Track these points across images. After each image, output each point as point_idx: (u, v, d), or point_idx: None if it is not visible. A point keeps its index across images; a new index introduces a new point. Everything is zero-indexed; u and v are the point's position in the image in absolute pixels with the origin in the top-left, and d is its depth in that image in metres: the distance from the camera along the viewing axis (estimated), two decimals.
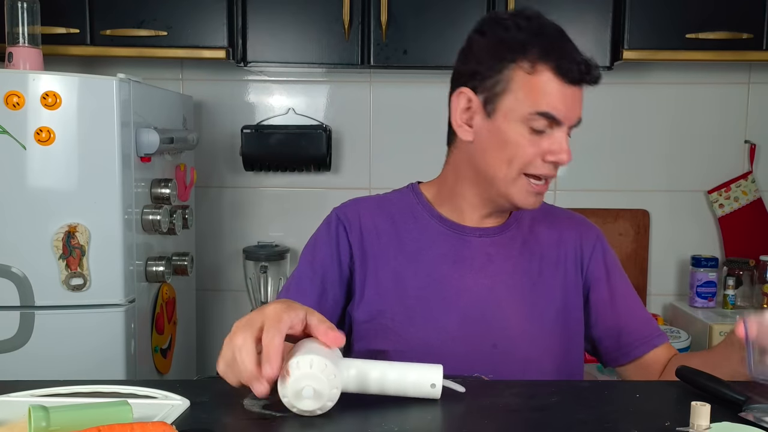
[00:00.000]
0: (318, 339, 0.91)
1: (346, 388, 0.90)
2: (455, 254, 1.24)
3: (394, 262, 1.24)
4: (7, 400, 0.91)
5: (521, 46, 1.14)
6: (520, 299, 1.23)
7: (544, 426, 0.88)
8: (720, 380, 0.97)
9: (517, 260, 1.26)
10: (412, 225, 1.27)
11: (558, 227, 1.31)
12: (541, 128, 1.15)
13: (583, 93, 1.20)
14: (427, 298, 1.22)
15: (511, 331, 1.21)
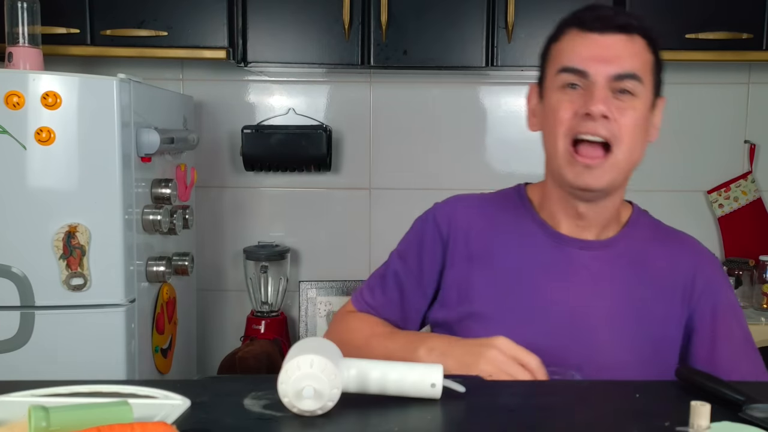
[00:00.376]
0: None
1: (346, 388, 0.90)
2: (554, 265, 1.18)
3: (488, 267, 1.20)
4: (7, 400, 0.91)
5: (555, 29, 1.17)
6: (616, 323, 1.15)
7: (544, 426, 0.88)
8: (720, 380, 0.96)
9: (618, 279, 1.18)
10: (513, 229, 1.22)
11: (670, 250, 1.21)
12: (571, 84, 1.11)
13: (636, 45, 1.12)
14: (516, 307, 1.16)
15: (600, 356, 1.13)
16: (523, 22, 2.21)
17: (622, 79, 1.10)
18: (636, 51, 1.11)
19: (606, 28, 1.10)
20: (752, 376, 1.16)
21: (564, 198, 1.18)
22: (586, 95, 1.09)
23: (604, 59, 1.09)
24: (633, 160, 1.15)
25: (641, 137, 1.14)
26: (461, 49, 2.23)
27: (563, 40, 1.14)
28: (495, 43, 2.23)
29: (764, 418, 0.87)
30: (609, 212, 1.20)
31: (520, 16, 2.21)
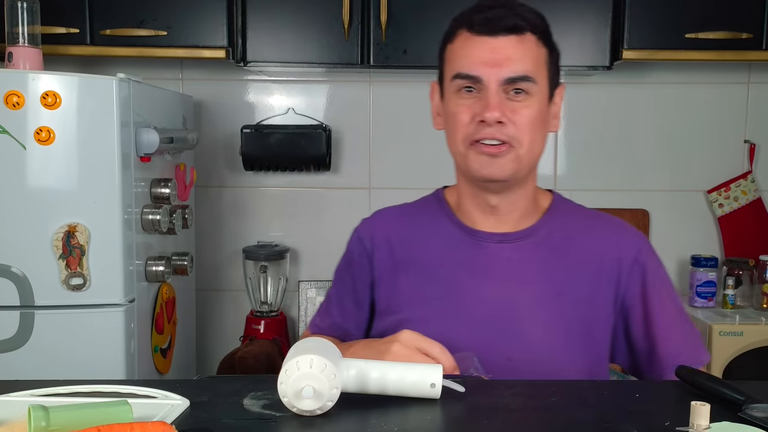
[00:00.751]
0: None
1: (345, 388, 0.90)
2: (474, 261, 1.20)
3: (412, 272, 1.22)
4: (7, 400, 0.91)
5: (450, 27, 1.18)
6: (542, 311, 1.17)
7: (544, 426, 0.88)
8: (720, 380, 0.97)
9: (540, 267, 1.20)
10: (432, 233, 1.25)
11: (594, 234, 1.23)
12: (468, 92, 1.13)
13: (531, 46, 1.14)
14: (441, 308, 1.19)
15: (530, 345, 1.15)
16: None
17: (515, 81, 1.12)
18: (527, 50, 1.13)
19: (495, 31, 1.11)
20: (685, 346, 1.21)
21: (476, 194, 1.21)
22: (481, 100, 1.12)
23: (495, 63, 1.11)
24: (534, 154, 1.17)
25: (540, 132, 1.17)
26: None
27: (456, 42, 1.16)
28: None
29: (764, 418, 0.87)
30: (522, 203, 1.22)
31: None
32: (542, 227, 1.23)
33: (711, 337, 2.23)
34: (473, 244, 1.21)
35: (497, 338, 1.15)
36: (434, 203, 1.29)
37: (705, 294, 2.45)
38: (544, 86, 1.17)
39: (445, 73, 1.18)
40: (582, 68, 2.30)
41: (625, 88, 2.58)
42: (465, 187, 1.22)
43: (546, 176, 2.62)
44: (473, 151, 1.14)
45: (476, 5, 1.16)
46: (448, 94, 1.17)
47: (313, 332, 1.34)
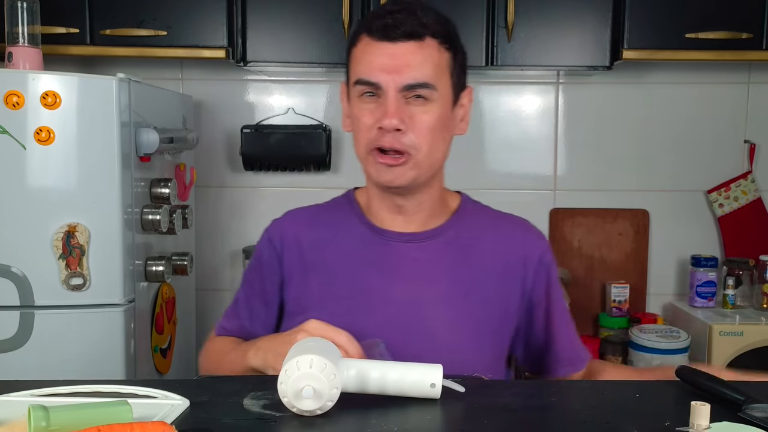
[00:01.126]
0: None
1: (345, 388, 0.90)
2: (381, 261, 1.22)
3: (321, 273, 1.23)
4: (7, 400, 0.91)
5: (355, 30, 1.20)
6: (448, 309, 1.19)
7: (544, 426, 0.88)
8: (720, 380, 0.97)
9: (447, 267, 1.22)
10: (342, 233, 1.26)
11: (500, 234, 1.26)
12: (369, 97, 1.14)
13: (433, 52, 1.14)
14: (350, 308, 1.19)
15: (436, 343, 1.17)
16: (523, 21, 2.21)
17: (413, 88, 1.12)
18: (427, 56, 1.12)
19: (394, 37, 1.11)
20: (576, 343, 1.29)
21: (382, 195, 1.22)
22: (382, 106, 1.12)
23: (393, 69, 1.11)
24: (435, 159, 1.18)
25: (441, 137, 1.17)
26: None
27: (358, 46, 1.16)
28: (495, 43, 2.23)
29: (764, 418, 0.87)
30: (429, 204, 1.24)
31: (520, 15, 2.21)
32: (450, 228, 1.25)
33: (711, 337, 2.23)
34: (382, 244, 1.23)
35: (405, 337, 1.15)
36: (345, 204, 1.30)
37: (705, 294, 2.45)
38: (446, 91, 1.16)
39: (349, 76, 1.20)
40: (582, 68, 2.30)
41: (625, 88, 2.58)
42: (372, 188, 1.24)
43: (546, 176, 2.62)
44: (372, 158, 1.16)
45: (379, 9, 1.17)
46: (352, 97, 1.18)
47: (219, 334, 1.35)
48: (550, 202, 2.63)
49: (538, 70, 2.40)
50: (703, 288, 2.45)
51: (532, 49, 2.24)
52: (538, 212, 2.61)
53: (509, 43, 2.22)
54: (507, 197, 2.58)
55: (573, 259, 2.61)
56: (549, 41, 2.24)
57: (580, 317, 2.58)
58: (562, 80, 2.59)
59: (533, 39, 2.23)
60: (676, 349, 2.26)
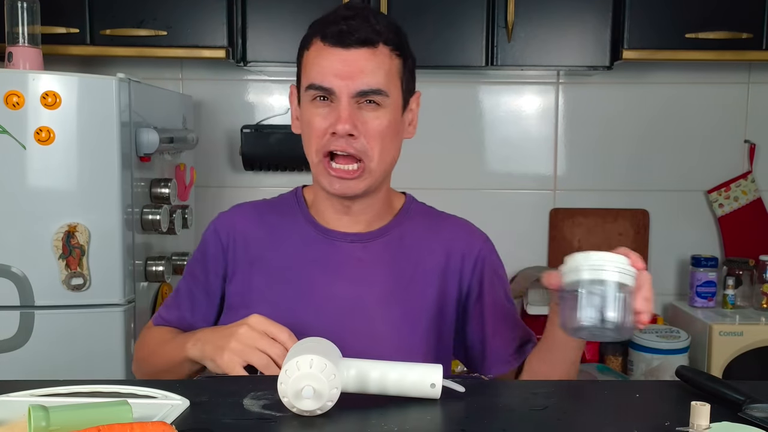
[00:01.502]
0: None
1: (345, 388, 0.90)
2: (326, 260, 1.23)
3: (266, 269, 1.23)
4: (7, 400, 0.91)
5: (307, 32, 1.21)
6: (389, 309, 1.21)
7: (544, 426, 0.88)
8: (720, 380, 0.97)
9: (391, 267, 1.23)
10: (288, 231, 1.26)
11: (442, 234, 1.27)
12: (320, 102, 1.14)
13: (384, 59, 1.15)
14: (293, 306, 1.20)
15: (378, 339, 1.18)
16: (523, 21, 2.21)
17: (366, 94, 1.14)
18: (379, 63, 1.14)
19: (348, 43, 1.13)
20: (510, 340, 1.25)
21: (329, 197, 1.22)
22: (334, 111, 1.14)
23: (347, 75, 1.12)
24: (387, 163, 1.20)
25: (392, 141, 1.19)
26: (461, 48, 2.23)
27: (311, 50, 1.17)
28: (495, 43, 2.23)
29: (764, 418, 0.87)
30: (376, 206, 1.25)
31: (520, 15, 2.21)
32: (394, 228, 1.26)
33: (711, 337, 2.23)
34: (326, 243, 1.24)
35: (349, 336, 1.14)
36: (292, 201, 1.30)
37: (705, 294, 2.45)
38: (397, 97, 1.19)
39: (301, 79, 1.20)
40: (582, 68, 2.30)
41: (625, 88, 2.58)
42: (320, 189, 1.24)
43: (546, 176, 2.62)
44: (323, 167, 1.16)
45: (332, 14, 1.18)
46: (303, 101, 1.19)
47: (157, 324, 1.32)
48: (550, 202, 2.62)
49: (538, 70, 2.40)
50: (703, 288, 2.45)
51: (532, 49, 2.24)
52: (538, 212, 2.61)
53: (509, 43, 2.22)
54: (507, 197, 2.59)
55: None
56: (549, 41, 2.24)
57: None
58: (562, 80, 2.59)
59: (533, 39, 2.23)
60: (676, 349, 2.26)
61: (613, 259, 0.91)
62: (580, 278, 0.90)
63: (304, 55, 1.19)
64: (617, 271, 0.90)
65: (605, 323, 0.89)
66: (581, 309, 0.89)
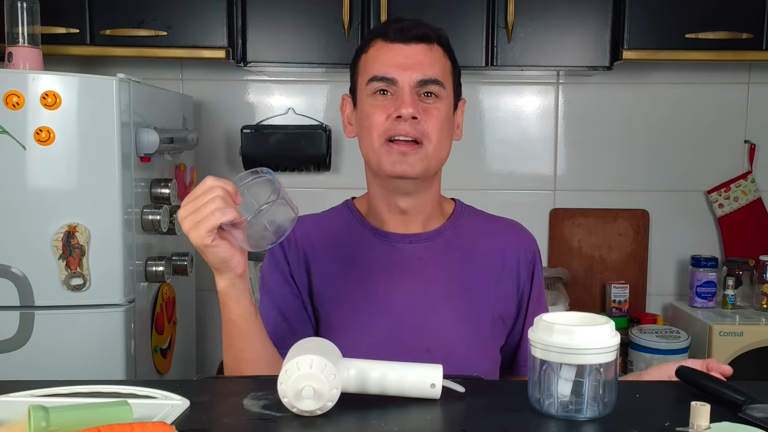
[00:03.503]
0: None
1: (345, 388, 0.90)
2: (387, 261, 1.26)
3: (329, 275, 1.25)
4: (7, 400, 0.91)
5: (363, 41, 1.28)
6: (454, 304, 1.24)
7: (544, 426, 0.88)
8: (720, 380, 0.97)
9: (450, 265, 1.27)
10: (347, 240, 1.29)
11: (498, 235, 1.32)
12: (382, 89, 1.20)
13: (437, 54, 1.23)
14: (359, 305, 1.23)
15: (446, 336, 1.22)
16: (523, 21, 2.21)
17: (426, 84, 1.21)
18: (436, 58, 1.23)
19: (408, 39, 1.22)
20: None
21: (386, 196, 1.27)
22: (396, 100, 1.20)
23: (409, 66, 1.20)
24: (441, 155, 1.25)
25: (447, 135, 1.25)
26: (461, 48, 2.21)
27: (370, 51, 1.25)
28: (495, 43, 2.23)
29: (764, 418, 0.87)
30: (429, 205, 1.29)
31: (520, 15, 2.21)
32: (449, 229, 1.31)
33: (711, 337, 2.23)
34: (386, 245, 1.27)
35: (416, 332, 1.21)
36: (344, 211, 1.34)
37: (705, 294, 2.45)
38: (450, 93, 1.25)
39: (359, 80, 1.26)
40: (582, 68, 2.30)
41: (625, 88, 2.58)
42: (377, 190, 1.28)
43: (546, 176, 2.62)
44: (386, 149, 1.20)
45: (387, 21, 1.29)
46: (362, 98, 1.24)
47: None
48: (550, 202, 2.63)
49: (538, 70, 2.39)
50: (703, 288, 2.45)
51: (532, 50, 2.24)
52: (538, 212, 2.61)
53: (509, 44, 2.22)
54: (507, 197, 2.59)
55: (573, 259, 2.61)
56: (549, 41, 2.24)
57: None
58: (562, 80, 2.59)
59: (533, 39, 2.23)
60: (676, 350, 2.26)
61: None
62: None
63: (362, 57, 1.26)
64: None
65: None
66: None
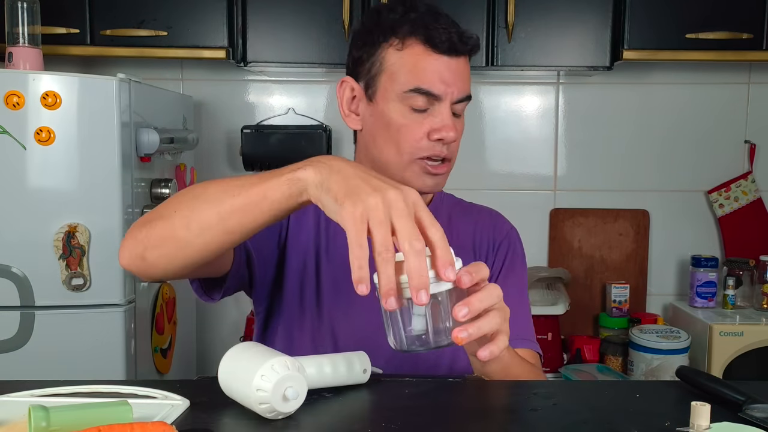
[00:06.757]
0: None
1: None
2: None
3: (314, 255, 1.22)
4: (7, 400, 0.91)
5: (391, 26, 1.16)
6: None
7: (544, 426, 0.88)
8: (720, 380, 0.97)
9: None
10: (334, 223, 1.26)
11: (474, 219, 1.32)
12: (421, 106, 1.14)
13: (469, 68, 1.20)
14: (342, 286, 1.20)
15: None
16: (523, 22, 2.21)
17: (462, 101, 1.17)
18: (468, 71, 1.20)
19: (456, 52, 1.15)
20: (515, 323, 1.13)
21: None
22: (435, 119, 1.15)
23: (453, 83, 1.15)
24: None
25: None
26: None
27: (409, 52, 1.15)
28: (495, 43, 2.23)
29: (764, 418, 0.87)
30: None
31: (520, 16, 2.21)
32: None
33: (711, 337, 2.23)
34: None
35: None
36: None
37: (705, 294, 2.45)
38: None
39: (384, 78, 1.16)
40: (582, 68, 2.30)
41: (625, 88, 2.58)
42: None
43: (546, 176, 2.62)
44: (417, 167, 1.17)
45: (426, 16, 1.16)
46: (390, 102, 1.16)
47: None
48: (550, 202, 2.63)
49: (538, 70, 2.40)
50: (704, 288, 2.45)
51: (532, 50, 2.24)
52: (539, 212, 2.61)
53: (509, 44, 2.22)
54: (507, 197, 2.59)
55: (573, 259, 2.61)
56: (549, 41, 2.24)
57: (580, 317, 2.59)
58: (562, 80, 2.59)
59: (533, 39, 2.23)
60: (677, 350, 2.26)
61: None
62: None
63: (389, 51, 1.16)
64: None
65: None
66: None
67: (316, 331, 1.21)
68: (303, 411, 0.87)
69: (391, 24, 1.16)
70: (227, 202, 0.90)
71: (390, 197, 0.80)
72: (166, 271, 0.98)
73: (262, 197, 0.87)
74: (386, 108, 1.17)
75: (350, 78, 1.22)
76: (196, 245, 0.93)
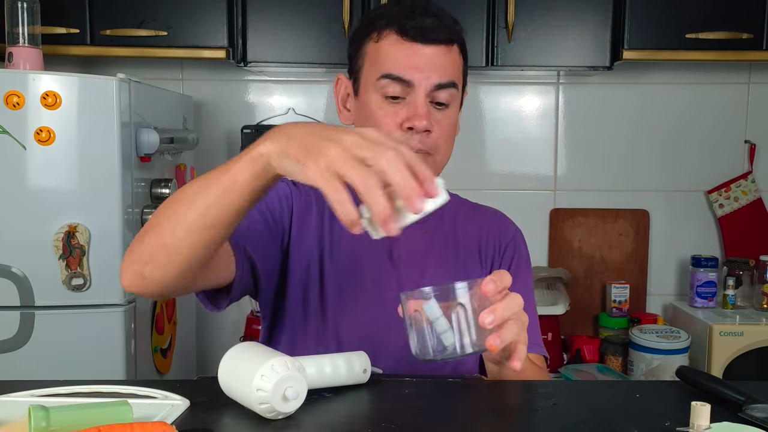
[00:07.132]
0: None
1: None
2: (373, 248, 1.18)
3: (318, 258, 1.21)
4: (7, 400, 0.91)
5: (372, 21, 1.18)
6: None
7: (544, 426, 0.88)
8: (720, 380, 0.97)
9: (439, 250, 1.26)
10: (338, 224, 1.21)
11: (479, 221, 1.32)
12: (395, 93, 1.14)
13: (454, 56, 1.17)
14: (347, 289, 1.20)
15: None
16: (523, 21, 2.21)
17: (443, 88, 1.14)
18: (452, 60, 1.17)
19: (429, 40, 1.14)
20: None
21: None
22: (409, 108, 1.13)
23: (425, 69, 1.13)
24: (446, 160, 1.23)
25: (453, 138, 1.22)
26: None
27: (383, 42, 1.16)
28: (495, 43, 2.23)
29: (764, 418, 0.87)
30: None
31: (520, 15, 2.21)
32: (433, 216, 1.27)
33: (711, 337, 2.23)
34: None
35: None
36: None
37: (705, 294, 2.45)
38: (460, 92, 1.21)
39: (365, 69, 1.18)
40: (582, 68, 2.30)
41: (625, 88, 2.58)
42: None
43: (546, 176, 2.62)
44: None
45: (405, 9, 1.17)
46: (368, 91, 1.17)
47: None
48: (550, 202, 2.63)
49: (538, 70, 2.40)
50: (704, 288, 2.45)
51: (532, 50, 2.24)
52: (538, 212, 2.61)
53: (509, 44, 2.22)
54: (507, 197, 2.58)
55: (573, 259, 2.61)
56: (549, 41, 2.24)
57: (580, 317, 2.59)
58: (562, 80, 2.59)
59: (533, 39, 2.23)
60: (677, 350, 2.26)
61: None
62: None
63: (369, 45, 1.18)
64: None
65: None
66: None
67: (321, 336, 1.20)
68: (303, 411, 0.87)
69: (372, 20, 1.19)
70: (201, 197, 0.90)
71: (347, 142, 0.80)
72: (164, 281, 0.97)
73: (231, 183, 0.88)
74: (366, 99, 1.17)
75: (344, 75, 1.24)
76: (184, 249, 0.92)
